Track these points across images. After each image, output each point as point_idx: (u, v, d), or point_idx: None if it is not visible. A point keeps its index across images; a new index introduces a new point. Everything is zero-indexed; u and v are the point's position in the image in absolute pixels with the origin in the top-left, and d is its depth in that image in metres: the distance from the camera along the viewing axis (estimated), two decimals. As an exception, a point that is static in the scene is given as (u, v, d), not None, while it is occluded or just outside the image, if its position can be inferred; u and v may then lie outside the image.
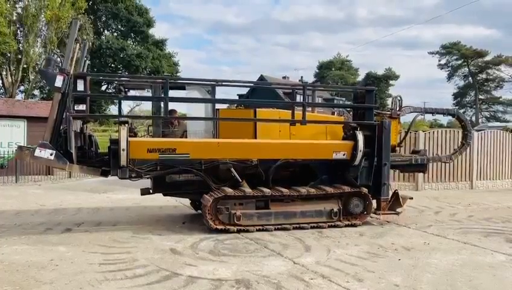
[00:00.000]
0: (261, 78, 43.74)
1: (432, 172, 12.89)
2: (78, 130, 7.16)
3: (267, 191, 7.31)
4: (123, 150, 6.60)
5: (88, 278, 4.87)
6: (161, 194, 8.09)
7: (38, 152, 6.40)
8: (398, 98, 8.83)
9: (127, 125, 6.80)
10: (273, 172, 7.79)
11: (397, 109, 8.72)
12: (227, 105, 9.93)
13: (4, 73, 32.13)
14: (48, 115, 6.84)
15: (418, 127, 39.15)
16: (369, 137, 7.80)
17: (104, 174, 7.10)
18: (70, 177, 15.55)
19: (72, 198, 10.90)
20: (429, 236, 7.09)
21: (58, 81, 6.54)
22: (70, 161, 6.69)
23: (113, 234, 7.07)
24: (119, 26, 46.89)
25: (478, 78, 63.73)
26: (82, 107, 6.77)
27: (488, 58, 61.24)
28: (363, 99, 8.12)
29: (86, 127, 7.57)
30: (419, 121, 60.14)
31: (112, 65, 44.21)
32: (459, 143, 10.53)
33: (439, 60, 66.27)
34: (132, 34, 46.76)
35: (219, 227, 7.04)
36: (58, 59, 7.07)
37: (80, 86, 6.69)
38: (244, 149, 7.42)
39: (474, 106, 63.74)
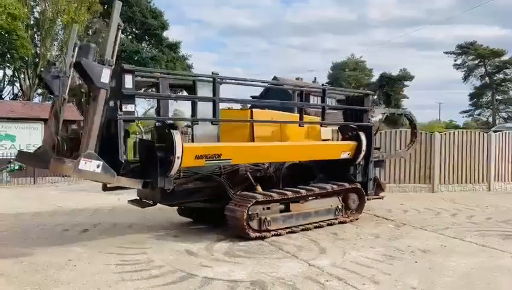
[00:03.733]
0: (275, 79, 43.68)
1: (449, 174, 12.74)
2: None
3: (289, 193, 7.28)
4: (178, 157, 5.89)
5: (105, 279, 4.94)
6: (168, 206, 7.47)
7: (83, 164, 5.19)
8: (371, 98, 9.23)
9: (178, 129, 6.14)
10: (282, 174, 7.87)
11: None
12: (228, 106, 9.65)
13: (22, 76, 32.75)
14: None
15: (433, 128, 38.67)
16: (366, 137, 8.39)
17: (146, 186, 6.01)
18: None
19: (88, 199, 11.04)
20: (446, 238, 6.99)
21: (105, 76, 5.46)
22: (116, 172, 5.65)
23: (129, 235, 7.15)
24: (134, 29, 47.34)
25: (495, 78, 62.69)
26: (130, 108, 5.92)
27: (505, 57, 60.22)
28: (362, 103, 8.68)
29: None
30: (435, 122, 59.43)
31: (127, 68, 44.64)
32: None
33: (455, 60, 65.40)
34: (146, 37, 47.19)
35: (255, 235, 6.70)
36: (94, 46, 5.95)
37: (128, 83, 5.81)
38: (276, 152, 7.53)
39: (491, 107, 62.71)
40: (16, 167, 15.02)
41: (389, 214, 9.10)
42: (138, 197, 7.17)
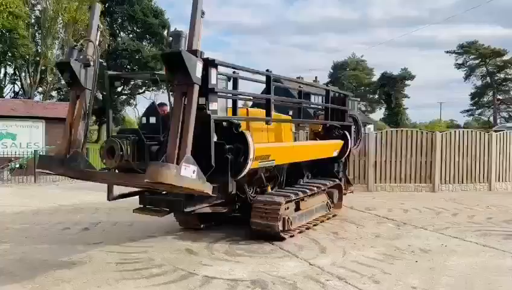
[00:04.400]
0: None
1: (449, 173, 12.72)
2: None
3: (308, 191, 7.38)
4: (251, 159, 5.62)
5: (106, 277, 4.94)
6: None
7: (183, 170, 4.43)
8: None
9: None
10: (284, 173, 7.89)
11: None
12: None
13: (23, 74, 32.79)
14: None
15: (434, 128, 38.66)
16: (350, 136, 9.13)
17: (214, 191, 5.11)
18: (87, 177, 15.76)
19: (89, 198, 11.03)
20: (447, 238, 6.99)
21: (199, 70, 4.77)
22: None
23: (130, 233, 7.15)
24: (135, 28, 47.38)
25: (496, 77, 62.63)
26: (215, 106, 5.40)
27: (506, 57, 60.14)
28: (343, 103, 9.18)
29: None
30: (436, 121, 59.39)
31: (128, 66, 44.67)
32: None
33: (456, 60, 65.39)
34: (148, 36, 47.21)
35: (284, 235, 6.56)
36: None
37: (213, 78, 5.31)
38: (303, 151, 7.88)
39: (493, 106, 62.67)
40: (17, 166, 15.04)
41: (389, 213, 9.09)
42: (142, 205, 6.26)
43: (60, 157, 5.32)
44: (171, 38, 4.83)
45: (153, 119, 6.17)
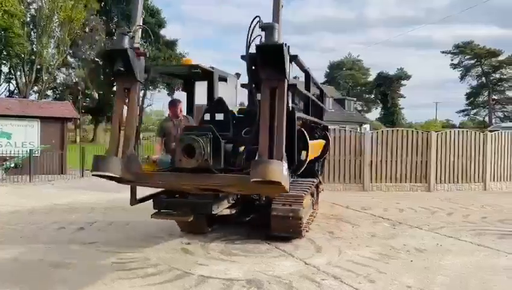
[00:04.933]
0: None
1: (445, 173, 12.78)
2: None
3: (310, 188, 7.41)
4: (308, 156, 5.66)
5: (101, 277, 4.92)
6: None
7: (285, 168, 4.15)
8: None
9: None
10: None
11: None
12: None
13: (18, 74, 32.65)
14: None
15: (430, 127, 38.78)
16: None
17: None
18: (82, 176, 15.72)
19: (84, 197, 11.01)
20: (442, 237, 7.02)
21: (288, 65, 4.47)
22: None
23: (126, 233, 7.13)
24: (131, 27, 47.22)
25: (491, 78, 62.92)
26: (290, 102, 5.25)
27: (501, 57, 60.42)
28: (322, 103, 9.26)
29: None
30: (432, 121, 59.61)
31: (124, 66, 44.57)
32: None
33: (452, 60, 65.67)
34: (143, 35, 47.09)
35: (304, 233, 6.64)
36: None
37: (290, 74, 4.99)
38: (318, 148, 8.10)
39: (488, 106, 62.97)
40: (12, 165, 14.97)
41: (385, 213, 9.12)
42: (157, 209, 5.72)
43: (117, 159, 4.58)
44: (262, 30, 4.39)
45: (219, 116, 5.79)
